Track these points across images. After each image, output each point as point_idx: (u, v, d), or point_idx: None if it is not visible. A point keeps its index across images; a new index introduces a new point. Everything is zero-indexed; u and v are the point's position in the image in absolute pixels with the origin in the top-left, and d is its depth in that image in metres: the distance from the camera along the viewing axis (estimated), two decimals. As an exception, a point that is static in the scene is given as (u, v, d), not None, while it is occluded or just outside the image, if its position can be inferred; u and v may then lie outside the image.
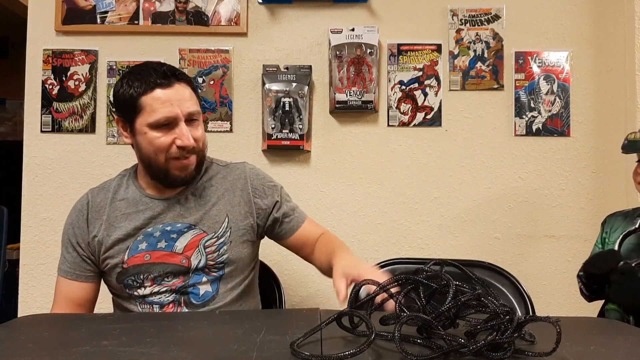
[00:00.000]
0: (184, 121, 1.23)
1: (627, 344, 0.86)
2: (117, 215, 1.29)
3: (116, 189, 1.34)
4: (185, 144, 1.23)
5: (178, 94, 1.23)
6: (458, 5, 1.90)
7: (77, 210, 1.34)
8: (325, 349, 0.78)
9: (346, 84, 1.84)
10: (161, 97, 1.21)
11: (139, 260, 1.26)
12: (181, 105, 1.23)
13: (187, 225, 1.28)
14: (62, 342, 0.87)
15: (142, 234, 1.27)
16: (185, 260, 1.26)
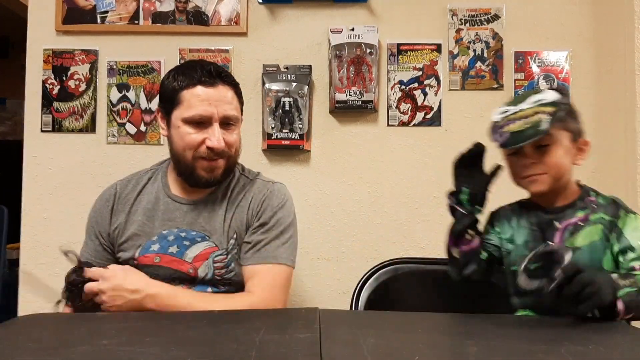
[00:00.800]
0: (219, 123, 1.23)
1: (627, 344, 0.86)
2: (138, 209, 1.30)
3: (146, 183, 1.35)
4: (215, 145, 1.22)
5: (219, 94, 1.23)
6: (458, 5, 1.89)
7: (104, 200, 1.34)
8: (325, 348, 0.78)
9: (346, 84, 1.84)
10: (201, 94, 1.22)
11: (148, 261, 1.26)
12: (218, 106, 1.23)
13: (202, 235, 1.27)
14: (62, 342, 0.87)
15: (157, 235, 1.27)
16: (193, 270, 1.26)
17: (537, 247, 1.10)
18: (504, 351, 0.79)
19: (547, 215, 1.20)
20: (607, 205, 1.17)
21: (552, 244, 1.08)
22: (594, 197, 1.20)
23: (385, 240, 1.88)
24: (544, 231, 1.19)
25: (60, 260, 1.88)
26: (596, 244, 1.13)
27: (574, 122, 1.19)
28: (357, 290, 1.47)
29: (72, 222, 1.86)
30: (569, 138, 1.17)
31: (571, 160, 1.18)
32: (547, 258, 1.02)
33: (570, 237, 1.15)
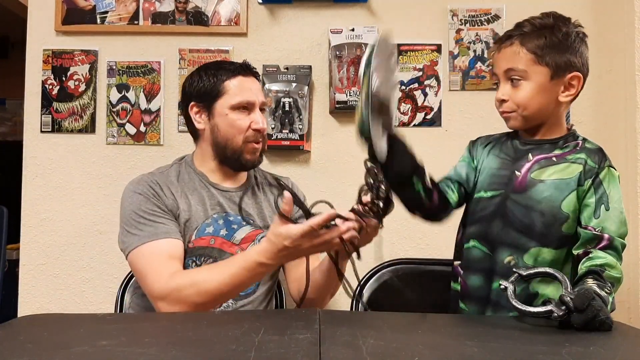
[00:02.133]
0: (260, 108, 1.40)
1: (627, 344, 0.86)
2: (186, 194, 1.35)
3: (177, 176, 1.40)
4: (261, 127, 1.38)
5: (255, 84, 1.42)
6: (458, 6, 1.89)
7: (150, 183, 1.33)
8: (324, 349, 0.78)
9: (346, 84, 1.84)
10: (242, 83, 1.38)
11: (204, 243, 1.33)
12: (257, 94, 1.41)
13: (247, 219, 1.39)
14: (61, 342, 0.87)
15: (210, 218, 1.35)
16: (240, 251, 1.33)
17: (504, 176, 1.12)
18: (504, 352, 0.79)
19: (523, 146, 1.17)
20: (593, 150, 1.13)
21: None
22: (581, 140, 1.16)
23: (384, 241, 1.87)
24: (515, 161, 1.16)
25: (60, 260, 1.89)
26: (564, 182, 1.10)
27: (561, 56, 1.11)
28: (357, 291, 1.47)
29: (72, 222, 1.86)
30: (548, 75, 1.10)
31: (552, 96, 1.11)
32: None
33: (539, 169, 1.12)
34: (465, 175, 1.23)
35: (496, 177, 1.15)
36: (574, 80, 1.11)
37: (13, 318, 1.07)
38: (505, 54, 1.13)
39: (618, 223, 1.10)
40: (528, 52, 1.10)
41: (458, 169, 1.26)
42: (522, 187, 1.12)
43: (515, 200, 1.12)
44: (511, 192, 1.13)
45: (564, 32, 1.12)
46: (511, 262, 1.12)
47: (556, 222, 1.10)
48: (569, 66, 1.11)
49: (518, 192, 1.12)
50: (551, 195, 1.09)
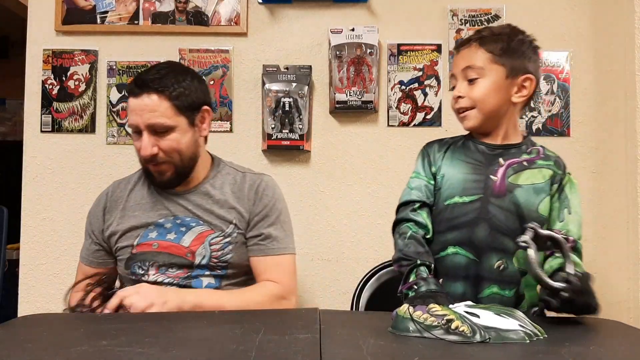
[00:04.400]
0: (150, 131, 1.26)
1: (627, 344, 0.86)
2: (132, 205, 1.36)
3: (136, 181, 1.41)
4: (142, 154, 1.28)
5: (142, 104, 1.26)
6: (458, 6, 1.89)
7: (97, 200, 1.42)
8: (325, 349, 0.78)
9: (346, 84, 1.84)
10: (130, 105, 1.28)
11: (146, 248, 1.31)
12: (142, 115, 1.25)
13: (196, 221, 1.33)
14: (61, 342, 0.87)
15: (154, 224, 1.33)
16: (190, 254, 1.30)
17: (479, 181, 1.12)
18: (504, 351, 0.79)
19: (491, 151, 1.19)
20: (555, 158, 1.20)
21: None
22: (540, 147, 1.21)
23: (384, 241, 1.88)
24: (487, 166, 1.17)
25: (60, 260, 1.89)
26: (538, 186, 1.14)
27: (515, 59, 1.15)
28: (357, 291, 1.48)
29: (72, 222, 1.86)
30: (503, 73, 1.14)
31: (506, 96, 1.16)
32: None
33: (514, 174, 1.15)
34: (426, 192, 1.22)
35: (470, 182, 1.16)
36: (526, 82, 1.17)
37: (13, 318, 1.08)
38: (464, 54, 1.17)
39: (578, 226, 1.15)
40: (486, 51, 1.14)
41: (417, 189, 1.23)
42: (502, 191, 1.14)
43: (496, 204, 1.13)
44: (491, 196, 1.15)
45: (519, 39, 1.17)
46: (501, 266, 1.14)
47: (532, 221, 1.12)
48: (522, 69, 1.16)
49: (498, 196, 1.13)
50: (529, 199, 1.13)
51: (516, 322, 0.86)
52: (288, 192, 1.89)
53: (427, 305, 0.89)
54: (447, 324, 0.84)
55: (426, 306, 0.89)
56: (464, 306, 0.90)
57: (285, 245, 1.36)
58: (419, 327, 0.86)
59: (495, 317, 0.86)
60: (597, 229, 1.87)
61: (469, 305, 0.90)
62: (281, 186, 1.90)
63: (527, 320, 0.87)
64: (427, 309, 0.88)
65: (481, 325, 0.84)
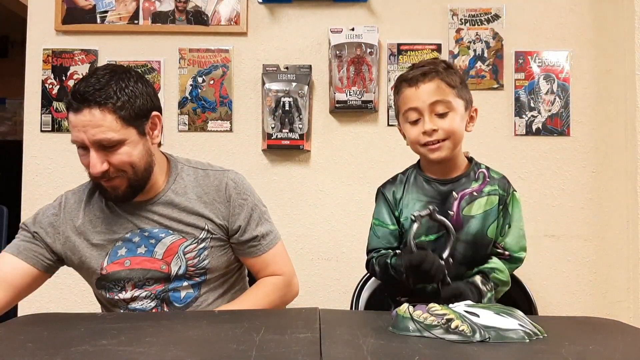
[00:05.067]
0: (97, 147, 1.15)
1: (626, 344, 0.86)
2: (92, 219, 1.25)
3: (91, 192, 1.29)
4: (91, 172, 1.17)
5: (85, 119, 1.13)
6: (458, 5, 1.89)
7: (51, 208, 1.29)
8: (325, 348, 0.78)
9: (346, 84, 1.84)
10: (72, 120, 1.15)
11: (118, 267, 1.22)
12: (87, 131, 1.13)
13: (165, 231, 1.24)
14: (61, 342, 0.87)
15: (121, 240, 1.23)
16: (166, 266, 1.23)
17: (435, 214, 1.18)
18: (504, 351, 0.79)
19: (444, 186, 1.24)
20: (499, 180, 1.24)
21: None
22: (484, 169, 1.26)
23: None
24: (444, 202, 1.22)
25: (60, 260, 1.88)
26: (488, 213, 1.21)
27: (466, 92, 1.22)
28: (357, 291, 1.48)
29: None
30: (464, 106, 1.20)
31: (464, 127, 1.22)
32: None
33: (467, 205, 1.21)
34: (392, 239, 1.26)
35: (432, 222, 1.21)
36: (473, 112, 1.25)
37: (13, 318, 1.08)
38: (428, 89, 1.20)
39: (518, 238, 1.23)
40: (448, 86, 1.19)
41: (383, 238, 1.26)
42: (458, 225, 1.20)
43: (456, 237, 1.20)
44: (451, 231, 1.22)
45: (460, 74, 1.24)
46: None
47: (484, 247, 1.22)
48: (471, 100, 1.24)
49: (457, 229, 1.19)
50: (480, 226, 1.21)
51: (516, 321, 0.86)
52: (288, 192, 1.90)
53: (426, 304, 0.89)
54: (447, 324, 0.84)
55: (426, 305, 0.89)
56: (464, 305, 0.90)
57: (274, 236, 1.34)
58: (418, 327, 0.86)
59: (495, 317, 0.86)
60: (597, 229, 1.87)
61: (469, 305, 0.90)
62: (281, 186, 1.91)
63: (527, 320, 0.88)
64: (427, 308, 0.88)
65: (481, 324, 0.84)
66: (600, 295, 1.87)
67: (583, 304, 1.87)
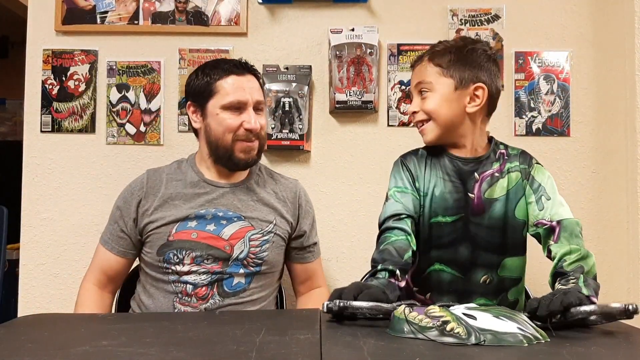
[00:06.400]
0: (253, 107, 1.37)
1: (628, 345, 0.86)
2: (172, 194, 1.38)
3: (171, 172, 1.44)
4: (252, 127, 1.35)
5: (250, 82, 1.39)
6: (458, 5, 1.89)
7: (133, 188, 1.42)
8: (325, 349, 0.78)
9: (346, 84, 1.84)
10: (235, 82, 1.36)
11: (185, 236, 1.33)
12: (252, 93, 1.37)
13: (238, 216, 1.37)
14: (62, 342, 0.87)
15: (195, 214, 1.35)
16: (229, 247, 1.33)
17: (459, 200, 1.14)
18: (504, 352, 0.79)
19: (466, 165, 1.19)
20: (517, 156, 1.21)
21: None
22: (504, 149, 1.23)
23: (385, 241, 1.88)
24: (465, 182, 1.18)
25: (60, 260, 1.89)
26: (511, 193, 1.16)
27: (464, 70, 1.16)
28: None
29: (72, 222, 1.86)
30: (452, 85, 1.16)
31: (459, 106, 1.17)
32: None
33: (489, 188, 1.17)
34: (413, 207, 1.19)
35: (450, 202, 1.17)
36: (478, 90, 1.17)
37: (13, 318, 1.08)
38: (417, 70, 1.21)
39: (561, 206, 1.15)
40: (434, 66, 1.17)
41: (405, 202, 1.19)
42: (480, 209, 1.16)
43: (476, 223, 1.16)
44: (471, 215, 1.17)
45: (469, 49, 1.18)
46: (487, 280, 1.19)
47: (517, 231, 1.16)
48: (472, 79, 1.16)
49: (477, 214, 1.16)
50: (505, 209, 1.15)
51: (515, 324, 0.85)
52: (288, 192, 1.90)
53: (425, 307, 0.89)
54: (442, 326, 0.84)
55: (424, 308, 0.89)
56: (464, 308, 0.90)
57: (319, 247, 1.57)
58: (413, 329, 0.86)
59: (493, 320, 0.86)
60: (597, 229, 1.87)
61: (469, 307, 0.90)
62: (281, 186, 1.90)
63: (529, 324, 0.87)
64: (425, 310, 0.88)
65: (477, 327, 0.83)
66: (600, 295, 1.86)
67: (583, 304, 1.87)
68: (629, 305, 0.87)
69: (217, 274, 1.32)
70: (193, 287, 1.29)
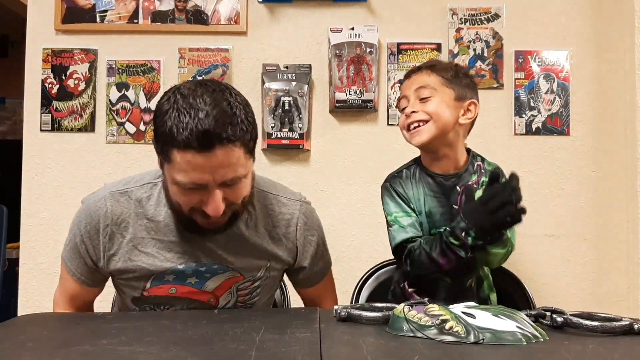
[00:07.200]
0: (221, 185, 1.00)
1: (627, 343, 0.86)
2: (144, 238, 1.11)
3: (144, 202, 1.13)
4: (211, 214, 1.02)
5: (216, 160, 0.97)
6: (458, 4, 1.89)
7: (97, 224, 1.13)
8: (324, 348, 0.78)
9: (346, 83, 1.84)
10: (191, 161, 0.96)
11: (162, 292, 1.13)
12: (216, 172, 0.98)
13: (223, 267, 1.14)
14: (62, 342, 0.87)
15: (172, 270, 1.12)
16: (214, 299, 1.16)
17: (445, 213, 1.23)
18: (504, 350, 0.79)
19: (447, 181, 1.27)
20: (491, 171, 1.24)
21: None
22: (480, 161, 1.31)
23: (384, 240, 1.87)
24: (448, 196, 1.26)
25: (60, 259, 1.88)
26: None
27: (462, 87, 1.25)
28: (356, 290, 1.48)
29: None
30: (453, 95, 1.24)
31: (454, 116, 1.24)
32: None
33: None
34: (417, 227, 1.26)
35: (437, 216, 1.25)
36: (471, 105, 1.26)
37: (13, 317, 1.08)
38: (416, 78, 1.27)
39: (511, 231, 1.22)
40: (438, 76, 1.25)
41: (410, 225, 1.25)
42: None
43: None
44: None
45: (463, 72, 1.29)
46: (471, 283, 1.28)
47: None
48: (468, 95, 1.26)
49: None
50: None
51: (514, 323, 0.85)
52: (288, 191, 1.90)
53: (425, 305, 0.89)
54: (441, 324, 0.84)
55: (424, 306, 0.89)
56: (464, 307, 0.90)
57: (329, 261, 1.30)
58: (412, 327, 0.86)
59: (492, 318, 0.86)
60: (597, 229, 1.88)
61: (469, 306, 0.90)
62: (281, 185, 1.91)
63: (528, 322, 0.87)
64: (424, 309, 0.88)
65: (476, 325, 0.84)
66: (600, 295, 1.87)
67: (583, 303, 1.87)
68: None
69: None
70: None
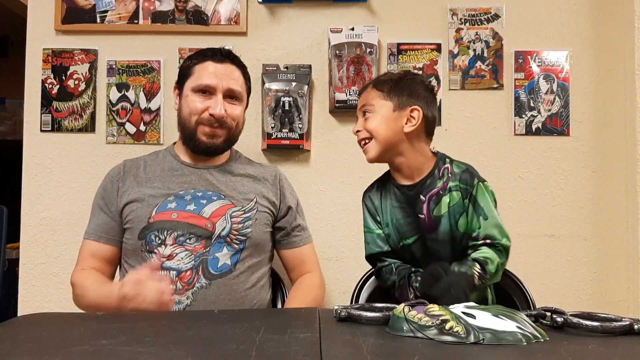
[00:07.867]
0: (223, 95, 1.38)
1: (626, 344, 0.86)
2: (150, 177, 1.40)
3: (149, 159, 1.46)
4: (215, 113, 1.36)
5: (225, 70, 1.40)
6: (458, 5, 1.89)
7: (111, 177, 1.44)
8: (324, 348, 0.78)
9: (346, 84, 1.84)
10: (209, 68, 1.39)
11: (166, 217, 1.33)
12: (224, 79, 1.38)
13: (217, 194, 1.38)
14: (61, 342, 0.87)
15: (174, 195, 1.36)
16: (211, 225, 1.33)
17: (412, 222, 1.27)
18: (504, 350, 0.79)
19: (411, 191, 1.29)
20: (461, 174, 1.27)
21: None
22: (449, 164, 1.30)
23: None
24: (413, 206, 1.29)
25: (60, 260, 1.89)
26: (454, 209, 1.25)
27: (402, 95, 1.28)
28: (356, 290, 1.48)
29: (71, 222, 1.86)
30: (391, 107, 1.27)
31: (397, 126, 1.26)
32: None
33: (435, 206, 1.26)
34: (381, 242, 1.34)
35: (408, 225, 1.29)
36: (413, 112, 1.27)
37: (13, 317, 1.08)
38: (362, 96, 1.33)
39: (495, 227, 1.24)
40: (377, 90, 1.29)
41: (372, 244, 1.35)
42: (432, 226, 1.26)
43: (432, 239, 1.27)
44: (426, 233, 1.28)
45: (408, 79, 1.31)
46: None
47: (459, 242, 1.27)
48: (409, 102, 1.28)
49: (430, 231, 1.27)
50: (450, 224, 1.25)
51: (514, 323, 0.86)
52: (288, 192, 1.90)
53: (425, 305, 0.89)
54: (441, 324, 0.84)
55: (424, 306, 0.89)
56: (464, 307, 0.90)
57: (309, 233, 1.54)
58: (412, 327, 0.86)
59: (492, 318, 0.86)
60: (597, 229, 1.88)
61: (469, 306, 0.90)
62: (281, 185, 1.91)
63: (528, 323, 0.87)
64: (424, 309, 0.88)
65: (476, 326, 0.84)
66: (600, 295, 1.87)
67: (583, 303, 1.87)
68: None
69: (201, 255, 1.30)
70: (177, 273, 1.27)
